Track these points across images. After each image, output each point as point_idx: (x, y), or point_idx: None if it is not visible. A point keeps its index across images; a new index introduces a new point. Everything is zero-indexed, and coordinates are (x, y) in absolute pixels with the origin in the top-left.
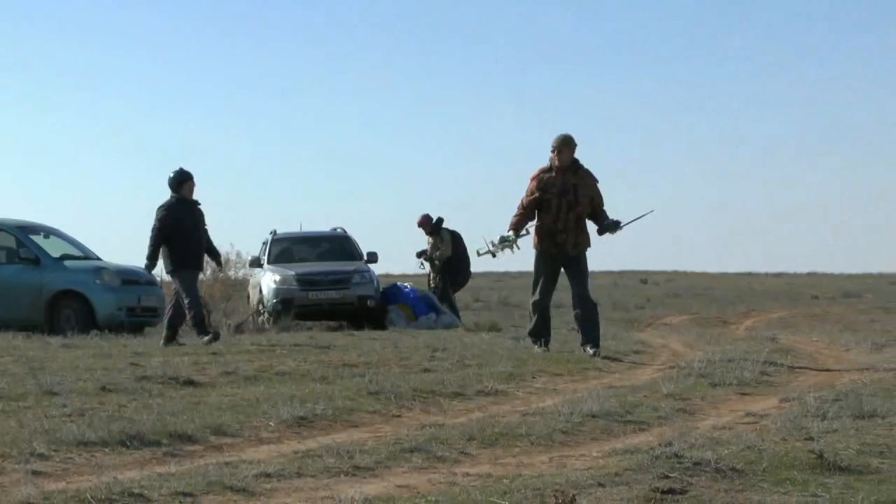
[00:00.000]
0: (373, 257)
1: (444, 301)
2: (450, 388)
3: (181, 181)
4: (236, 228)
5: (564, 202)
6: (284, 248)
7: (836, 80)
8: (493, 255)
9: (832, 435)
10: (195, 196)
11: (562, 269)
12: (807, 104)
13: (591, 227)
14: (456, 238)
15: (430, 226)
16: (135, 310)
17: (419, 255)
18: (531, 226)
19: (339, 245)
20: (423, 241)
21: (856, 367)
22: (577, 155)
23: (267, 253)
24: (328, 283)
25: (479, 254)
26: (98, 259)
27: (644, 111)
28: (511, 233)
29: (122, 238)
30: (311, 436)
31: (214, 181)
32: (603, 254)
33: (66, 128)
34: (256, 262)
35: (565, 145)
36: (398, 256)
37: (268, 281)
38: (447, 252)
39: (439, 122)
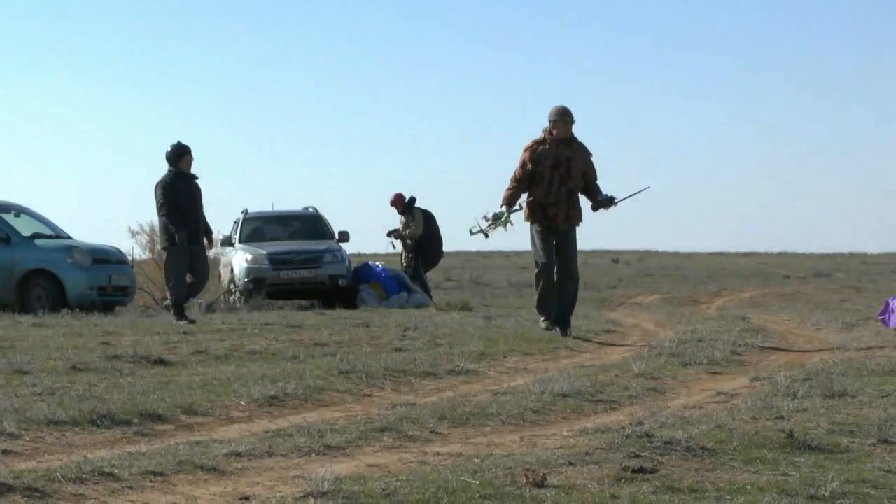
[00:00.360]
0: (344, 236)
1: (416, 280)
2: (421, 367)
3: (180, 154)
4: (207, 207)
5: (557, 175)
6: (256, 228)
7: (803, 62)
8: (486, 236)
9: (802, 414)
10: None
11: None
12: (773, 83)
13: (585, 202)
14: (428, 217)
15: (403, 205)
16: (106, 289)
17: (390, 234)
18: (523, 200)
19: (310, 224)
20: (396, 220)
21: (826, 347)
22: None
23: (238, 232)
24: (299, 262)
25: (471, 233)
26: (69, 238)
27: (611, 90)
28: (504, 208)
29: (93, 217)
30: (282, 415)
31: None
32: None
33: (34, 106)
34: (228, 242)
35: (564, 117)
36: (370, 236)
37: (239, 260)
38: (418, 231)
39: (412, 101)
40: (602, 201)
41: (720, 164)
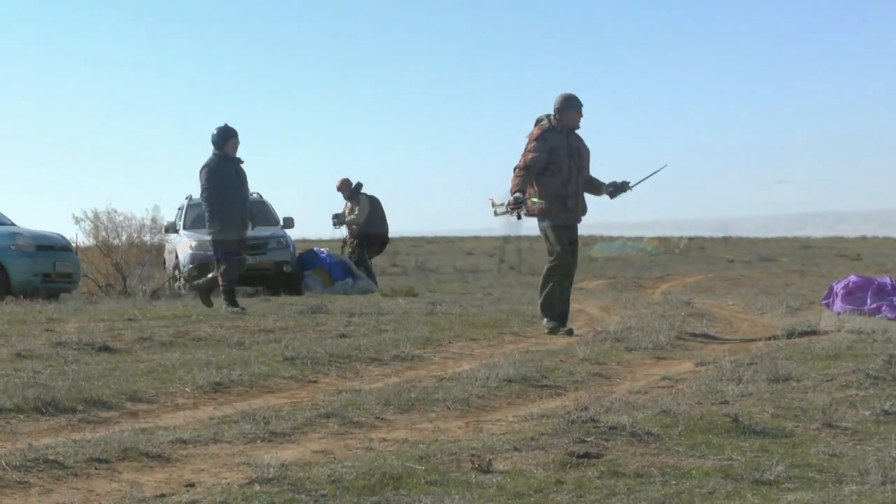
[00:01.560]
0: (289, 223)
1: (361, 266)
2: (366, 353)
3: (226, 138)
4: (152, 194)
5: (574, 166)
6: (200, 214)
7: (747, 31)
8: (519, 217)
9: (747, 398)
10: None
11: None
12: (716, 56)
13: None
14: (374, 203)
15: (349, 190)
16: (50, 276)
17: (336, 223)
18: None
19: (255, 210)
20: (342, 205)
21: (771, 332)
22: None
23: (183, 218)
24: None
25: (496, 213)
26: (12, 224)
27: (552, 67)
28: (519, 194)
29: (36, 204)
30: (228, 402)
31: (125, 146)
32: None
33: None
34: (172, 228)
35: (578, 105)
36: (315, 222)
37: (184, 246)
38: (361, 217)
39: (358, 85)
40: (619, 187)
41: (662, 147)
